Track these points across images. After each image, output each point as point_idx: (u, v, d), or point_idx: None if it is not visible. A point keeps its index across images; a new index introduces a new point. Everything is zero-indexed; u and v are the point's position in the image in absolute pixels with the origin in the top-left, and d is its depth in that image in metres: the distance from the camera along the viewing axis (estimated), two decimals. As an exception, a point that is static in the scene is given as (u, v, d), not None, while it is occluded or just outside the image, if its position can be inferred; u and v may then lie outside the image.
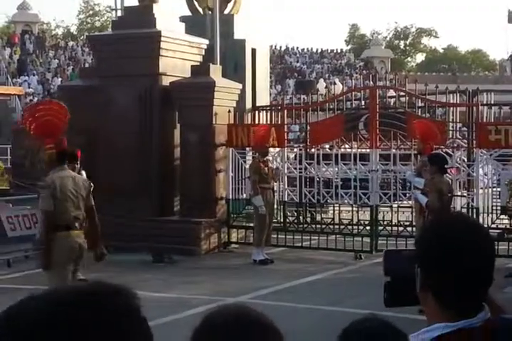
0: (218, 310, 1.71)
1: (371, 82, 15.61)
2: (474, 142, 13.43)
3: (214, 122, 14.21)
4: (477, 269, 1.88)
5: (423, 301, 1.95)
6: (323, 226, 14.19)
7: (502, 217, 13.34)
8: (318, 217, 14.86)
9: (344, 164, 14.58)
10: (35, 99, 37.26)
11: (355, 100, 15.72)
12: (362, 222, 13.96)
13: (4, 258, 12.80)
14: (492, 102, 14.92)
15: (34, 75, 40.10)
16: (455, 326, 1.87)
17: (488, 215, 13.15)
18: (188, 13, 19.38)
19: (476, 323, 1.88)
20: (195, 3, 19.56)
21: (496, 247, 2.03)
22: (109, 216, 13.99)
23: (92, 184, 8.40)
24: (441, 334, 1.87)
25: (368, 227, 13.70)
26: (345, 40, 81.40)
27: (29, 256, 13.53)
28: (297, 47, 58.06)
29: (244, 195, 14.74)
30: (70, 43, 47.00)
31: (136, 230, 13.66)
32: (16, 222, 13.51)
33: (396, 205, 14.07)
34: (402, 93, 14.83)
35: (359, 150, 14.58)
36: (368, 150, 14.18)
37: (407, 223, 13.61)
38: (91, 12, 72.39)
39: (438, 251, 1.88)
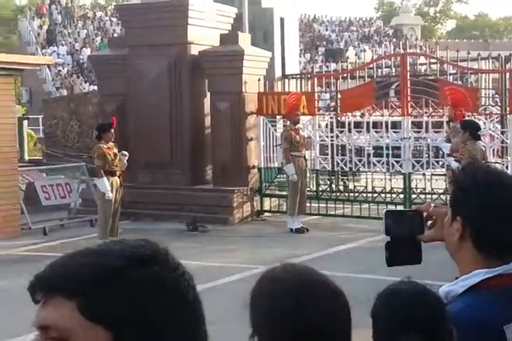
0: (281, 268, 1.72)
1: (401, 49, 15.38)
2: (507, 109, 13.28)
3: (244, 91, 14.19)
4: None
5: (456, 251, 1.98)
6: (356, 194, 14.17)
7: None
8: (351, 185, 14.83)
9: (376, 132, 14.50)
10: (65, 70, 37.42)
11: (385, 67, 15.58)
12: (395, 190, 13.92)
13: (40, 226, 12.96)
14: (525, 68, 14.69)
15: (63, 46, 40.18)
16: (495, 271, 1.91)
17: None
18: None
19: None
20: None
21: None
22: (142, 185, 14.15)
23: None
24: (484, 280, 1.91)
25: (401, 195, 13.65)
26: (375, 8, 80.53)
27: (64, 225, 13.73)
28: (325, 16, 57.52)
29: (276, 164, 14.74)
30: (98, 13, 46.92)
31: (169, 199, 13.76)
32: (51, 191, 13.65)
33: (429, 173, 13.99)
34: (433, 60, 14.65)
35: (390, 117, 14.48)
36: (400, 117, 14.07)
37: (441, 191, 13.54)
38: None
39: (475, 189, 1.94)
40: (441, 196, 13.34)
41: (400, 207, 13.34)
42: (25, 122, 22.79)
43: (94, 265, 1.13)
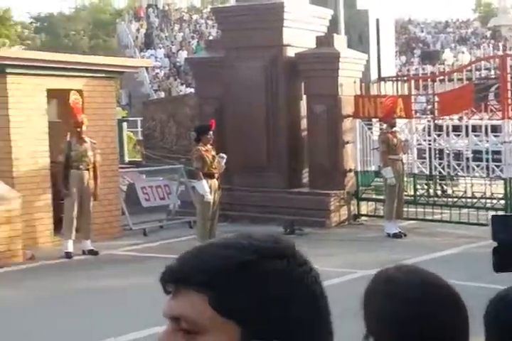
0: (395, 269, 1.70)
1: (501, 51, 15.04)
2: None
3: (340, 93, 14.14)
4: None
5: None
6: (455, 199, 13.91)
7: None
8: (449, 190, 14.58)
9: (475, 135, 14.22)
10: (162, 73, 38.10)
11: (484, 69, 15.26)
12: (495, 195, 13.60)
13: (140, 227, 13.22)
14: None
15: (160, 48, 40.92)
16: None
17: None
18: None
19: None
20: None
21: None
22: (239, 188, 14.28)
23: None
24: None
25: (501, 201, 13.33)
26: (472, 9, 78.92)
27: (163, 226, 13.97)
28: (422, 18, 56.75)
29: (373, 167, 14.64)
30: (194, 16, 47.56)
31: (266, 202, 13.84)
32: (150, 193, 13.93)
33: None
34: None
35: (490, 121, 14.17)
36: (500, 121, 13.75)
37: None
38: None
39: None
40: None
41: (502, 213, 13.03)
42: (125, 124, 23.32)
43: (225, 258, 1.14)
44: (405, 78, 15.46)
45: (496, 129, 14.19)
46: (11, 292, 9.29)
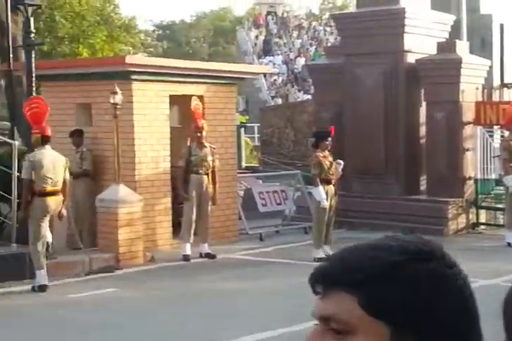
0: None
1: None
2: None
3: (461, 100, 13.88)
4: None
5: None
6: None
7: None
8: None
9: None
10: (280, 79, 38.38)
11: None
12: None
13: (257, 232, 13.35)
14: None
15: (278, 55, 41.24)
16: None
17: None
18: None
19: None
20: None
21: None
22: (356, 194, 14.23)
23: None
24: None
25: None
26: None
27: (279, 231, 14.06)
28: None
29: (494, 175, 14.28)
30: (313, 23, 47.69)
31: (383, 209, 13.73)
32: (267, 198, 14.05)
33: None
34: None
35: None
36: None
37: None
38: (332, -9, 73.09)
39: None
40: None
41: None
42: (243, 130, 23.63)
43: (374, 259, 1.15)
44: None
45: None
46: (132, 293, 9.56)
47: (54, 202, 9.59)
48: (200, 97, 12.48)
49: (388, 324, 1.13)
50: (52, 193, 9.61)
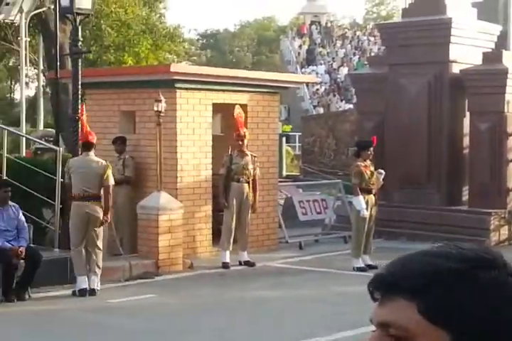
0: None
1: None
2: None
3: (506, 110, 13.73)
4: None
5: None
6: None
7: None
8: None
9: None
10: (322, 88, 38.36)
11: None
12: None
13: (296, 240, 13.33)
14: None
15: (321, 65, 41.23)
16: None
17: None
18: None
19: None
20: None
21: None
22: (396, 204, 14.14)
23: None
24: None
25: None
26: None
27: (318, 240, 14.03)
28: None
29: (538, 187, 14.07)
30: (358, 33, 47.60)
31: (424, 219, 13.63)
32: (307, 207, 14.04)
33: None
34: None
35: None
36: None
37: None
38: (377, 1, 72.94)
39: None
40: None
41: None
42: (284, 139, 23.64)
43: (435, 266, 1.14)
44: None
45: None
46: (171, 299, 9.61)
47: (90, 208, 9.70)
48: (244, 106, 12.53)
49: (448, 331, 1.12)
50: (87, 199, 9.73)
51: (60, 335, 7.96)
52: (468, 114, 14.19)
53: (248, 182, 11.71)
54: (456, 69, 14.11)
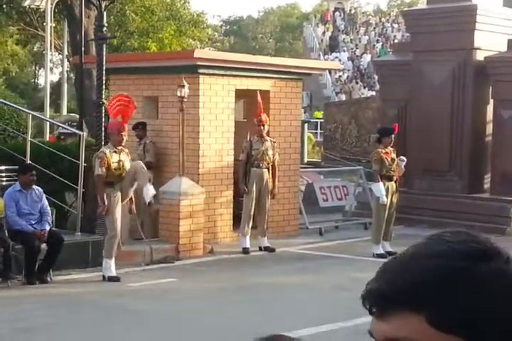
0: None
1: None
2: None
3: (530, 98, 13.63)
4: None
5: None
6: None
7: None
8: None
9: None
10: (345, 76, 38.21)
11: None
12: None
13: (316, 226, 13.35)
14: None
15: (344, 52, 41.06)
16: None
17: None
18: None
19: None
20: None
21: None
22: (418, 191, 14.11)
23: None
24: None
25: None
26: None
27: (339, 227, 14.05)
28: None
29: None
30: (382, 19, 47.31)
31: (445, 206, 13.61)
32: (328, 193, 14.03)
33: None
34: None
35: None
36: None
37: None
38: (401, -12, 72.40)
39: None
40: None
41: None
42: (306, 125, 23.61)
43: (433, 270, 1.05)
44: None
45: None
46: (191, 284, 9.67)
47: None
48: (266, 92, 12.53)
49: (463, 337, 1.05)
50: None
51: (78, 317, 8.05)
52: (491, 101, 14.11)
53: (268, 168, 11.72)
54: (480, 56, 14.02)
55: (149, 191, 9.86)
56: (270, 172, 11.74)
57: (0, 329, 7.49)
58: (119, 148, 9.89)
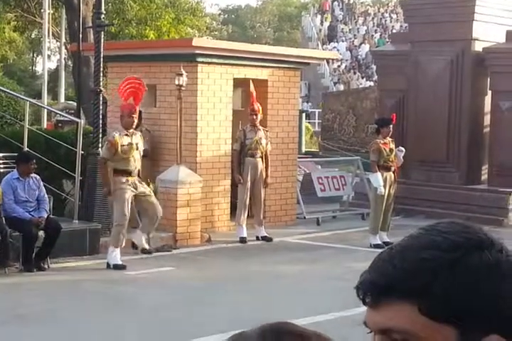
0: None
1: None
2: None
3: (528, 89, 13.63)
4: None
5: None
6: None
7: None
8: None
9: None
10: (343, 66, 38.16)
11: None
12: None
13: (314, 216, 13.38)
14: None
15: (343, 42, 40.98)
16: None
17: None
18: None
19: None
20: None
21: None
22: (415, 182, 14.13)
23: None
24: None
25: None
26: None
27: (336, 217, 14.07)
28: None
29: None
30: (381, 10, 47.20)
31: (442, 197, 13.63)
32: (326, 183, 14.03)
33: None
34: None
35: None
36: None
37: None
38: (400, -22, 72.24)
39: None
40: None
41: None
42: (304, 115, 23.60)
43: (426, 261, 1.07)
44: None
45: None
46: (188, 272, 9.68)
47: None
48: (264, 81, 12.50)
49: (455, 326, 1.07)
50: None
51: (76, 304, 8.06)
52: (489, 92, 14.10)
53: (262, 158, 11.71)
54: (478, 47, 14.00)
55: (138, 236, 10.15)
56: (263, 161, 11.72)
57: (-3, 316, 7.50)
58: (131, 131, 9.86)
